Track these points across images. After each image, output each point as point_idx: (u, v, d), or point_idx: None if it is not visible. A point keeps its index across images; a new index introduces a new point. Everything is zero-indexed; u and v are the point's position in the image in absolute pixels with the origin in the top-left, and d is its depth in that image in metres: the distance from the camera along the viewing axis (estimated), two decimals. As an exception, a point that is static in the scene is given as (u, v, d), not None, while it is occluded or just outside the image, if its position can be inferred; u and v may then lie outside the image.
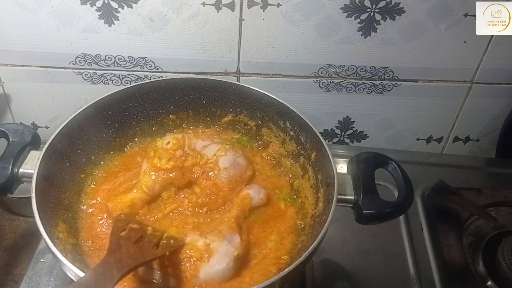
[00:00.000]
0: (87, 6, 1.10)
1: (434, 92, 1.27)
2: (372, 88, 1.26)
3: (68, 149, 0.92)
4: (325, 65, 1.21)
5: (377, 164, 0.89)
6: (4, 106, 1.30)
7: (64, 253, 0.74)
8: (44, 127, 1.35)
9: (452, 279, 1.02)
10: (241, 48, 1.18)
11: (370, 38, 1.16)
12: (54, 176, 0.87)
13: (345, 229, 1.09)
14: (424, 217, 1.14)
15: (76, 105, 1.26)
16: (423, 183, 1.21)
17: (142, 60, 1.20)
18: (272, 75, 1.24)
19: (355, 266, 1.06)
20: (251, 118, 1.05)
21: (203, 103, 1.06)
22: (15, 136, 0.88)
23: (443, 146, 1.42)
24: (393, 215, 0.85)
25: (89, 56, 1.19)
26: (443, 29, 1.14)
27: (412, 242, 1.10)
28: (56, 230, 0.81)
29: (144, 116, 1.04)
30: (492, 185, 1.22)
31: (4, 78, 1.24)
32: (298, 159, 1.00)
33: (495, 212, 1.16)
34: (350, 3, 1.10)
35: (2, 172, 0.83)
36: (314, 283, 1.01)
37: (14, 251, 1.15)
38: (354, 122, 1.35)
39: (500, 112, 1.33)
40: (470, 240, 1.12)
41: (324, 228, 0.77)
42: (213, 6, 1.10)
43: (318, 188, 0.92)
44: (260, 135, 1.06)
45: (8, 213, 1.23)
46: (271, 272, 0.82)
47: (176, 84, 1.03)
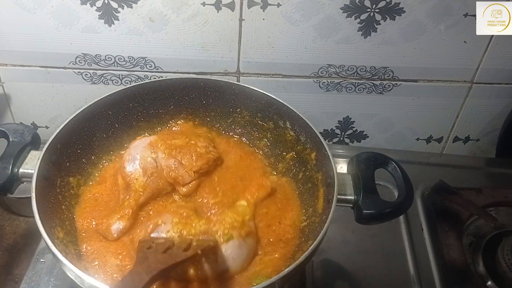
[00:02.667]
0: (87, 6, 1.10)
1: (434, 92, 1.27)
2: (372, 88, 1.26)
3: (68, 149, 0.92)
4: (325, 65, 1.21)
5: (377, 164, 0.89)
6: (4, 106, 1.30)
7: (64, 253, 0.74)
8: (44, 127, 1.35)
9: (452, 279, 1.02)
10: (241, 48, 1.18)
11: (370, 38, 1.16)
12: (54, 176, 0.87)
13: (345, 229, 1.09)
14: (424, 217, 1.14)
15: (76, 105, 1.26)
16: (423, 183, 1.21)
17: (142, 60, 1.20)
18: (272, 75, 1.24)
19: (355, 266, 1.06)
20: (251, 118, 1.05)
21: (203, 103, 1.06)
22: (15, 136, 0.88)
23: (443, 146, 1.42)
24: (393, 215, 0.85)
25: (89, 56, 1.19)
26: (443, 29, 1.14)
27: (412, 242, 1.10)
28: (56, 230, 0.81)
29: (144, 116, 1.04)
30: (492, 185, 1.22)
31: (4, 78, 1.24)
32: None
33: (495, 212, 1.16)
34: (350, 3, 1.10)
35: (2, 172, 0.83)
36: (314, 283, 1.01)
37: (14, 251, 1.15)
38: (354, 122, 1.35)
39: (500, 112, 1.33)
40: (470, 240, 1.12)
41: (324, 228, 0.77)
42: (213, 6, 1.10)
43: (318, 188, 0.92)
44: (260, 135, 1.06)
45: (8, 213, 1.23)
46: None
47: (176, 84, 1.03)
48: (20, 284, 0.97)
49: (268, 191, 0.94)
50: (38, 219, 0.75)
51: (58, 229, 0.82)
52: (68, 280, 0.75)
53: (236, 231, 0.82)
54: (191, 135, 0.99)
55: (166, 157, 0.91)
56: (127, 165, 0.91)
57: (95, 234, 0.87)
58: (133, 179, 0.89)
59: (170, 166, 0.91)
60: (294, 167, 1.00)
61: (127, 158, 0.92)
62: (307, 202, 0.94)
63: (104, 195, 0.94)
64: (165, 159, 0.91)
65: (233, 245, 0.81)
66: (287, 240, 0.89)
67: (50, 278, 0.97)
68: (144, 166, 0.90)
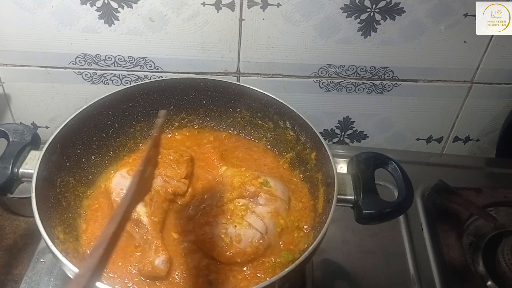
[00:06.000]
0: (87, 6, 1.10)
1: (434, 92, 1.27)
2: (372, 88, 1.26)
3: (68, 149, 0.92)
4: (325, 65, 1.21)
5: (377, 164, 0.89)
6: (4, 106, 1.30)
7: (64, 253, 0.74)
8: (44, 127, 1.35)
9: (452, 279, 1.02)
10: (241, 48, 1.18)
11: (370, 38, 1.16)
12: (54, 176, 0.87)
13: (345, 229, 1.09)
14: (424, 217, 1.14)
15: (76, 105, 1.26)
16: (423, 183, 1.21)
17: (142, 60, 1.20)
18: (272, 75, 1.24)
19: (355, 266, 1.06)
20: (251, 118, 1.05)
21: (203, 103, 1.06)
22: (15, 136, 0.88)
23: (443, 146, 1.42)
24: (393, 215, 0.85)
25: (89, 56, 1.19)
26: (443, 29, 1.14)
27: (412, 242, 1.10)
28: (56, 230, 0.81)
29: (144, 116, 1.04)
30: (492, 185, 1.22)
31: (4, 78, 1.24)
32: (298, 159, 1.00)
33: (495, 212, 1.16)
34: (350, 3, 1.10)
35: (2, 172, 0.83)
36: (314, 283, 1.01)
37: (14, 251, 1.15)
38: (354, 122, 1.35)
39: (500, 112, 1.33)
40: (470, 240, 1.12)
41: (324, 228, 0.77)
42: (213, 6, 1.10)
43: (318, 188, 0.92)
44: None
45: (8, 213, 1.23)
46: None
47: (176, 84, 1.04)
48: (20, 284, 0.97)
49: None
50: (38, 219, 0.75)
51: (58, 229, 0.82)
52: (68, 280, 0.74)
53: (259, 178, 0.88)
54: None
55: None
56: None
57: (95, 234, 0.87)
58: (138, 215, 0.85)
59: (162, 184, 0.90)
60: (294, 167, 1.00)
61: (117, 200, 0.87)
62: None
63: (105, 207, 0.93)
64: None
65: (273, 181, 0.89)
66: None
67: (50, 278, 0.97)
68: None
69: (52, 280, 0.97)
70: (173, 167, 0.93)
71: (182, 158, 0.95)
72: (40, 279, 0.97)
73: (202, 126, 1.09)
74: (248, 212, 0.85)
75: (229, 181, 0.92)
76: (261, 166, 1.01)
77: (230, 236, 0.82)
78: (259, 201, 0.86)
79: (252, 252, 0.82)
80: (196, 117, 1.08)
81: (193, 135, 1.08)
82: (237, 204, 0.87)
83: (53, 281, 0.97)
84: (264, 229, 0.84)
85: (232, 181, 0.91)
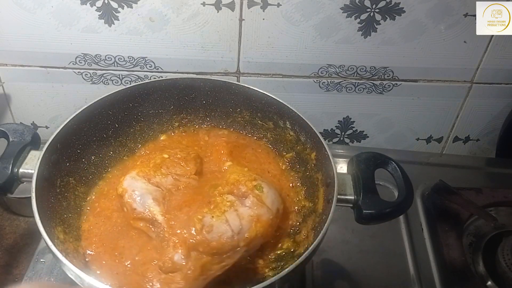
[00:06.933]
0: (87, 6, 1.10)
1: (434, 92, 1.27)
2: (372, 88, 1.26)
3: (68, 149, 0.92)
4: (325, 65, 1.21)
5: (377, 164, 0.89)
6: (4, 106, 1.30)
7: (64, 253, 0.74)
8: (44, 127, 1.35)
9: (452, 279, 1.02)
10: (241, 48, 1.18)
11: (370, 38, 1.16)
12: (54, 176, 0.87)
13: (345, 229, 1.09)
14: (424, 217, 1.14)
15: (76, 105, 1.26)
16: (423, 183, 1.21)
17: (142, 60, 1.20)
18: (272, 75, 1.24)
19: (355, 266, 1.06)
20: (251, 118, 1.05)
21: (203, 103, 1.06)
22: (15, 136, 0.88)
23: (443, 146, 1.42)
24: (393, 215, 0.85)
25: (89, 56, 1.19)
26: (443, 29, 1.14)
27: (412, 242, 1.10)
28: (56, 230, 0.81)
29: (144, 116, 1.04)
30: (492, 185, 1.22)
31: (4, 78, 1.24)
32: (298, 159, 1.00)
33: (495, 212, 1.16)
34: (350, 3, 1.10)
35: (2, 172, 0.83)
36: (314, 283, 1.01)
37: (14, 251, 1.15)
38: (354, 122, 1.35)
39: (500, 112, 1.33)
40: (470, 240, 1.12)
41: (324, 228, 0.77)
42: (213, 6, 1.10)
43: (318, 188, 0.92)
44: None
45: (8, 213, 1.23)
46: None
47: (176, 84, 1.03)
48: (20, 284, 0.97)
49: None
50: (38, 219, 0.75)
51: (58, 229, 0.82)
52: (68, 280, 0.74)
53: (255, 180, 0.86)
54: (157, 150, 1.00)
55: (162, 177, 0.89)
56: (136, 207, 0.85)
57: (95, 234, 0.88)
58: (152, 215, 0.84)
59: (173, 182, 0.89)
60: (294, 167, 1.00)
61: (130, 201, 0.86)
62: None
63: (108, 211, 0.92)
64: (163, 179, 0.89)
65: (267, 188, 0.86)
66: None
67: (50, 278, 0.97)
68: (154, 197, 0.86)
69: (52, 280, 0.97)
70: (182, 165, 0.92)
71: (189, 156, 0.95)
72: (40, 279, 0.97)
73: (209, 125, 1.08)
74: (231, 209, 0.84)
75: (227, 176, 0.92)
76: (265, 172, 1.00)
77: (202, 224, 0.81)
78: (245, 202, 0.85)
79: (216, 247, 0.79)
80: (196, 117, 1.08)
81: (193, 134, 1.08)
82: (224, 199, 0.86)
83: (53, 281, 0.97)
84: (237, 229, 0.81)
85: (229, 177, 0.91)
